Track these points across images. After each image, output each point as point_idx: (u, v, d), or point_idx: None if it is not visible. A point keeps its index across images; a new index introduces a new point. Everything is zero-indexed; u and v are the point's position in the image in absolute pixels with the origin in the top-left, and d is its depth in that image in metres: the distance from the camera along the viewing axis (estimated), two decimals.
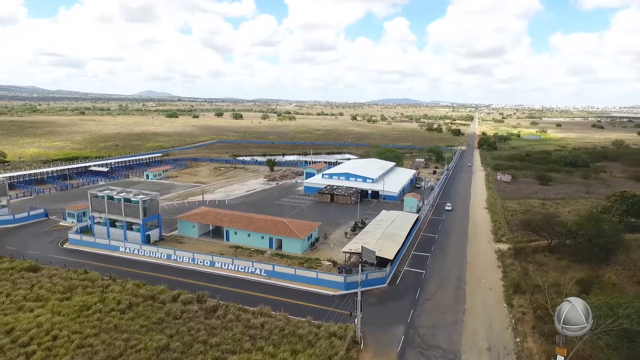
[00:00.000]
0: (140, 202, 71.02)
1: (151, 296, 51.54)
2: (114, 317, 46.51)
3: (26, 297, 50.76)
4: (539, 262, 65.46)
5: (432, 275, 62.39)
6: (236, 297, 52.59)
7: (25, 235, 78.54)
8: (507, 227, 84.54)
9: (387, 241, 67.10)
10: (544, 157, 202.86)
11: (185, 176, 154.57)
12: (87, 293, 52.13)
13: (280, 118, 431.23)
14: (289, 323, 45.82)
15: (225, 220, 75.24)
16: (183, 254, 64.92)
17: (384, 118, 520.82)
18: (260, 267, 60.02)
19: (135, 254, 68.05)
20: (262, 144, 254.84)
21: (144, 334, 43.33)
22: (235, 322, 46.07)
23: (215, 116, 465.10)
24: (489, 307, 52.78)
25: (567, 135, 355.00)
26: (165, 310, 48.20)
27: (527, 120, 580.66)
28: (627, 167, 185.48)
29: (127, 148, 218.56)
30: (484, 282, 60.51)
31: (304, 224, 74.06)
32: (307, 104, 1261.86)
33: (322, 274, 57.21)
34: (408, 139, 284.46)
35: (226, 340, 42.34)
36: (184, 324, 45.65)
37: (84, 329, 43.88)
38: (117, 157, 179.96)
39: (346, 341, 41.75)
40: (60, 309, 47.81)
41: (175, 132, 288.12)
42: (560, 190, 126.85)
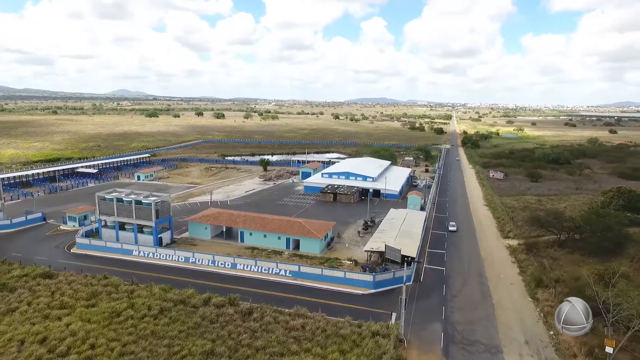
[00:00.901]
0: (152, 205, 69.26)
1: (181, 300, 50.43)
2: (149, 322, 45.28)
3: (50, 305, 48.75)
4: (552, 256, 67.56)
5: (452, 272, 63.48)
6: (263, 299, 51.98)
7: (26, 241, 75.34)
8: (512, 224, 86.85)
9: (405, 239, 67.82)
10: (528, 155, 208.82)
11: (177, 177, 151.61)
12: (113, 299, 50.52)
13: (264, 117, 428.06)
14: (328, 323, 45.76)
15: (239, 222, 74.26)
16: (203, 256, 63.71)
17: (365, 117, 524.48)
18: (285, 268, 59.59)
19: (150, 257, 66.32)
20: (249, 144, 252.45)
21: (184, 340, 42.39)
22: (274, 324, 45.64)
23: (196, 115, 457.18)
24: (515, 301, 54.17)
25: (544, 133, 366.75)
26: (199, 315, 47.26)
27: (503, 119, 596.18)
28: (605, 163, 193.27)
29: (111, 148, 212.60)
30: (503, 277, 62.04)
31: (320, 223, 73.95)
32: (286, 103, 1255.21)
33: (350, 274, 57.32)
34: (393, 138, 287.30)
35: (271, 343, 41.90)
36: (223, 328, 44.89)
37: (121, 336, 42.55)
38: (104, 158, 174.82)
39: (392, 340, 42.02)
40: (90, 316, 46.17)
41: (158, 131, 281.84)
42: (551, 186, 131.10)
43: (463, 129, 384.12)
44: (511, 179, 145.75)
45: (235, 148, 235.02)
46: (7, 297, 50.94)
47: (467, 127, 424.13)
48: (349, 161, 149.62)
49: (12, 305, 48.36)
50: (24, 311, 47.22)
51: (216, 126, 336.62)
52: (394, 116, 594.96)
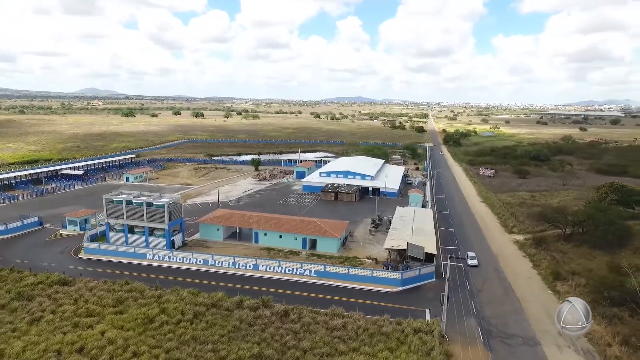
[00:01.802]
0: (165, 206, 67.51)
1: (212, 304, 49.48)
2: (186, 328, 44.22)
3: (76, 313, 46.81)
4: (561, 250, 70.14)
5: (471, 269, 64.85)
6: (290, 299, 51.60)
7: (26, 247, 71.96)
8: (515, 219, 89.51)
9: (421, 236, 68.77)
10: (510, 152, 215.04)
11: (166, 177, 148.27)
12: (141, 305, 48.99)
13: (245, 117, 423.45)
14: (368, 322, 45.98)
15: (252, 222, 73.38)
16: (222, 258, 62.61)
17: (345, 116, 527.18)
18: (310, 268, 59.38)
19: (166, 260, 64.64)
20: (234, 143, 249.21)
21: (228, 344, 41.65)
22: (313, 324, 45.46)
23: (174, 115, 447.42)
24: (537, 295, 55.96)
25: (518, 131, 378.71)
26: (236, 318, 46.51)
27: (477, 118, 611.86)
28: (581, 160, 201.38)
29: (91, 149, 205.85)
30: (519, 271, 63.94)
31: (335, 223, 74.03)
32: (263, 102, 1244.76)
33: (378, 272, 57.71)
34: (377, 137, 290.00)
35: (317, 343, 41.74)
36: (263, 331, 44.36)
37: (161, 342, 41.38)
38: (87, 159, 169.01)
39: (435, 336, 42.67)
40: (122, 323, 44.64)
41: (138, 131, 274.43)
42: (539, 183, 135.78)
43: (442, 128, 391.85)
44: (500, 175, 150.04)
45: (221, 148, 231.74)
46: (27, 305, 48.61)
47: (445, 125, 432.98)
48: (344, 160, 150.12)
49: (36, 315, 46.17)
50: (50, 320, 45.15)
51: (197, 125, 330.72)
52: (372, 115, 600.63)
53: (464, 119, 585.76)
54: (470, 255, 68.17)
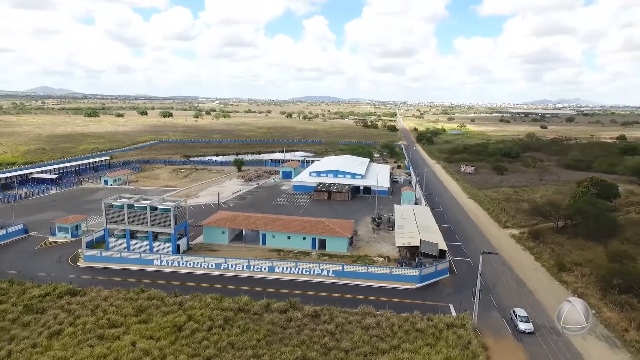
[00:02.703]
0: (172, 210, 65.29)
1: (239, 308, 48.44)
2: (219, 334, 43.06)
3: (98, 324, 44.48)
4: (558, 242, 73.64)
5: (478, 262, 66.75)
6: (310, 300, 51.32)
7: (17, 256, 67.54)
8: (506, 214, 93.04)
9: (428, 233, 70.19)
10: (482, 150, 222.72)
11: (146, 180, 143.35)
12: (165, 313, 47.23)
13: (216, 116, 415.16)
14: (400, 319, 46.51)
15: (259, 224, 72.29)
16: (236, 262, 61.29)
17: (316, 115, 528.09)
18: (328, 268, 59.27)
19: (175, 266, 62.53)
20: (209, 144, 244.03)
21: (267, 348, 40.95)
22: (347, 324, 45.50)
23: (140, 115, 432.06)
24: (547, 286, 58.54)
25: (484, 129, 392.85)
26: (267, 321, 45.77)
27: (443, 116, 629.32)
28: (548, 156, 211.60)
29: (57, 151, 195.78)
30: (524, 264, 66.61)
31: (342, 222, 74.22)
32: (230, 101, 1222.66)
33: (397, 269, 58.42)
34: (351, 135, 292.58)
35: (357, 343, 41.83)
36: (298, 333, 43.93)
37: (199, 350, 40.12)
38: (57, 162, 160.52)
39: (470, 330, 43.83)
40: (150, 332, 42.89)
41: (106, 132, 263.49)
42: (518, 178, 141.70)
43: (412, 126, 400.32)
44: (480, 172, 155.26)
45: (196, 148, 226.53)
46: (40, 319, 45.71)
47: (414, 124, 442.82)
48: (331, 159, 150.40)
49: (54, 328, 43.51)
50: (71, 333, 42.66)
51: (168, 126, 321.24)
52: (342, 114, 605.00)
53: (430, 117, 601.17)
54: (522, 317, 47.30)
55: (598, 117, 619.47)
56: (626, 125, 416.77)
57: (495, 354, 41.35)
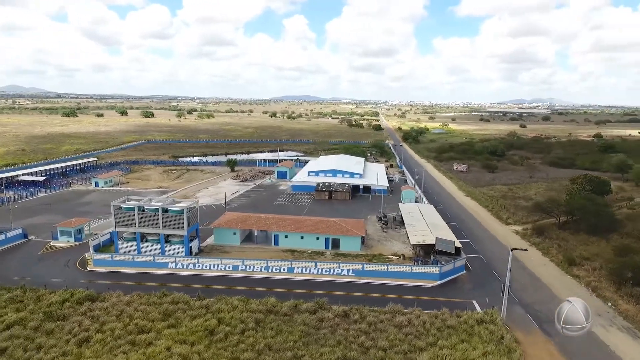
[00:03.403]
0: (185, 211, 64.07)
1: (268, 310, 48.00)
2: (253, 336, 42.57)
3: (127, 330, 43.28)
4: (562, 237, 75.86)
5: (491, 259, 68.35)
6: (336, 300, 51.25)
7: (21, 262, 65.05)
8: (507, 211, 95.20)
9: (439, 231, 71.16)
10: (469, 148, 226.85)
11: (137, 181, 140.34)
12: (193, 316, 46.33)
13: (200, 115, 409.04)
14: (430, 317, 47.04)
15: (271, 224, 71.74)
16: (254, 263, 60.66)
17: (300, 115, 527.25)
18: (348, 268, 59.38)
19: (191, 268, 61.43)
20: (196, 144, 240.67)
21: (305, 349, 40.74)
22: (379, 323, 45.70)
23: (120, 114, 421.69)
24: (560, 280, 60.23)
25: (466, 128, 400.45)
26: (299, 322, 45.52)
27: (424, 116, 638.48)
28: (532, 154, 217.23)
29: (38, 153, 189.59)
30: (533, 259, 68.33)
31: (353, 222, 74.43)
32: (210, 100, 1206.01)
33: (416, 267, 59.06)
34: (338, 135, 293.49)
35: (394, 341, 42.08)
36: (333, 333, 43.88)
37: (238, 354, 39.59)
38: (41, 164, 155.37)
39: (500, 325, 44.74)
40: (183, 337, 42.05)
41: (88, 132, 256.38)
42: (508, 176, 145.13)
43: (397, 125, 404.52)
44: (471, 170, 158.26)
45: (183, 149, 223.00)
46: (64, 326, 44.14)
47: (397, 123, 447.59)
48: (327, 158, 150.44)
49: (81, 335, 42.09)
50: (101, 340, 41.35)
51: (151, 125, 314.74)
52: (325, 113, 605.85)
53: (412, 117, 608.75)
54: None
55: (572, 116, 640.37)
56: (600, 124, 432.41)
57: (528, 349, 42.34)
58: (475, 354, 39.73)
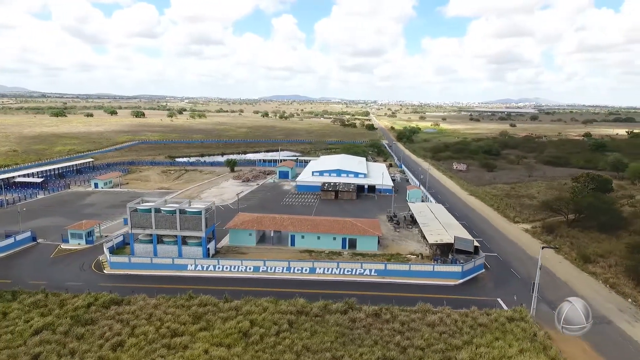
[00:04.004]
0: (203, 213, 63.45)
1: (298, 311, 47.82)
2: (289, 338, 42.35)
3: (160, 333, 42.66)
4: (573, 235, 77.16)
5: (506, 257, 69.17)
6: (359, 299, 51.23)
7: (33, 266, 63.65)
8: (514, 210, 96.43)
9: (454, 230, 71.77)
10: (464, 148, 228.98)
11: (137, 182, 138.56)
12: (224, 318, 45.88)
13: (192, 115, 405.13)
14: (460, 315, 47.42)
15: (287, 225, 71.48)
16: (276, 264, 60.36)
17: (291, 114, 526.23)
18: (371, 267, 59.52)
19: (211, 270, 60.83)
20: (191, 144, 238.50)
21: (343, 349, 40.71)
22: (411, 322, 45.90)
23: (109, 114, 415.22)
24: (577, 277, 61.27)
25: (457, 127, 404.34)
26: (332, 323, 45.45)
27: (414, 115, 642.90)
28: (526, 153, 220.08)
29: (31, 154, 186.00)
30: (548, 257, 69.26)
31: (369, 221, 74.60)
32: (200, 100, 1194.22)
33: (439, 266, 59.48)
34: (332, 135, 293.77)
35: (429, 340, 42.28)
36: (367, 333, 43.93)
37: (278, 355, 39.38)
38: (35, 165, 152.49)
39: (531, 323, 45.34)
40: (218, 340, 41.67)
41: (79, 132, 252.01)
42: (508, 175, 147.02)
43: (389, 125, 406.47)
44: (470, 169, 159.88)
45: (179, 149, 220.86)
46: (95, 330, 43.31)
47: (389, 122, 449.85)
48: (329, 158, 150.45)
49: (114, 339, 41.35)
50: (135, 344, 40.68)
51: (144, 125, 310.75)
52: (316, 113, 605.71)
53: (402, 116, 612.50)
54: None
55: (559, 116, 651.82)
56: (587, 123, 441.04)
57: (561, 345, 42.97)
58: (512, 352, 40.19)
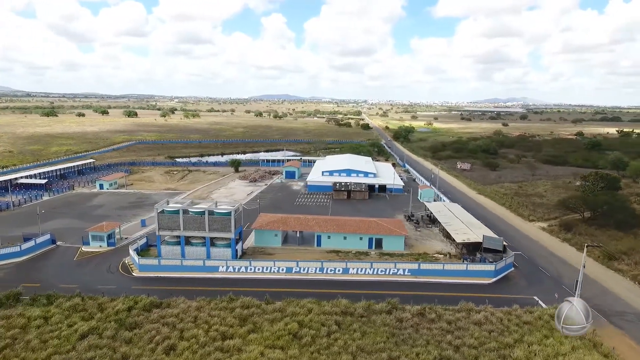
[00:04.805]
0: (232, 214, 62.88)
1: (343, 312, 47.70)
2: (342, 339, 42.19)
3: (210, 336, 42.13)
4: (591, 233, 78.43)
5: (531, 255, 70.00)
6: (390, 298, 51.31)
7: (59, 269, 62.36)
8: (527, 208, 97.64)
9: (477, 229, 72.44)
10: (462, 147, 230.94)
11: (141, 183, 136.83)
12: (270, 320, 45.55)
13: (186, 115, 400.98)
14: (505, 313, 47.86)
15: (313, 225, 71.27)
16: (309, 265, 60.11)
17: (285, 114, 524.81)
18: (404, 267, 59.69)
19: (243, 272, 60.29)
20: (189, 144, 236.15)
21: (397, 349, 40.73)
22: (457, 321, 46.16)
23: (101, 114, 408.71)
24: (605, 274, 62.32)
25: (450, 126, 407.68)
26: (379, 323, 45.46)
27: (406, 115, 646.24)
28: (522, 152, 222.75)
29: (26, 154, 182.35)
30: (571, 255, 70.41)
31: (393, 221, 74.87)
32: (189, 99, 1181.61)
33: (472, 265, 59.94)
34: (329, 134, 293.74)
35: (480, 339, 42.57)
36: (416, 332, 44.05)
37: (334, 357, 39.18)
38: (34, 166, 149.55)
39: None
40: (271, 342, 41.32)
41: (74, 133, 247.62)
42: (512, 174, 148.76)
43: (383, 125, 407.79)
44: (474, 169, 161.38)
45: (176, 149, 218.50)
46: (142, 335, 42.56)
47: (382, 122, 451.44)
48: (336, 158, 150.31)
49: (165, 343, 40.68)
50: (187, 347, 40.08)
51: (139, 125, 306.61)
52: (309, 113, 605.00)
53: (394, 115, 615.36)
54: None
55: (547, 115, 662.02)
56: (577, 123, 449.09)
57: (606, 341, 43.66)
58: (564, 349, 40.74)
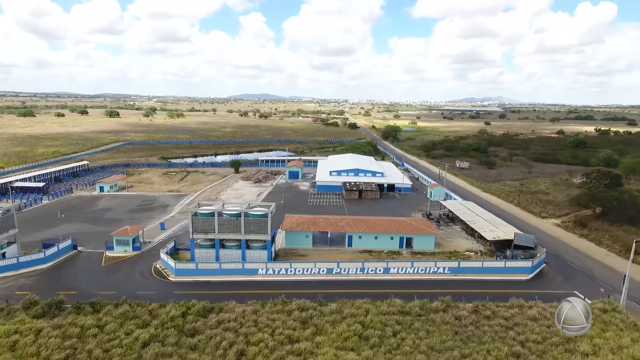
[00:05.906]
0: (269, 215, 62.16)
1: (399, 311, 47.91)
2: (410, 339, 42.39)
3: (277, 340, 41.54)
4: (605, 229, 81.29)
5: (556, 251, 71.95)
6: (434, 296, 51.86)
7: (89, 275, 60.27)
8: (538, 205, 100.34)
9: (501, 226, 74.01)
10: (453, 145, 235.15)
11: (141, 185, 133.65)
12: (331, 322, 45.29)
13: (170, 114, 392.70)
14: (554, 308, 49.06)
15: (344, 225, 71.21)
16: (349, 265, 60.07)
17: (270, 113, 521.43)
18: (444, 266, 60.39)
19: (282, 274, 59.71)
20: (180, 145, 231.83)
21: (465, 347, 41.24)
22: (513, 317, 47.08)
23: (80, 114, 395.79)
24: (633, 269, 64.57)
25: (435, 125, 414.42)
26: (439, 322, 45.89)
27: (388, 114, 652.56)
28: (512, 150, 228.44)
29: (12, 156, 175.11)
30: (593, 251, 72.79)
31: (421, 220, 75.56)
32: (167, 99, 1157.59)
33: (510, 262, 61.16)
34: (319, 134, 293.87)
35: (542, 334, 43.56)
36: (477, 329, 44.69)
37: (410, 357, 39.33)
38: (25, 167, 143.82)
39: (626, 313, 47.65)
40: (339, 344, 41.12)
41: (58, 134, 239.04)
42: (510, 172, 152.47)
43: (369, 124, 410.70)
44: (472, 167, 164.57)
45: (167, 150, 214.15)
46: (207, 341, 41.56)
47: (366, 121, 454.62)
48: (340, 158, 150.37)
49: (234, 349, 39.86)
50: (258, 352, 39.35)
51: (125, 125, 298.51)
52: (292, 112, 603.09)
53: (376, 115, 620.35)
54: None
55: (525, 114, 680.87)
56: (554, 121, 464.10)
57: None
58: (625, 342, 42.15)
